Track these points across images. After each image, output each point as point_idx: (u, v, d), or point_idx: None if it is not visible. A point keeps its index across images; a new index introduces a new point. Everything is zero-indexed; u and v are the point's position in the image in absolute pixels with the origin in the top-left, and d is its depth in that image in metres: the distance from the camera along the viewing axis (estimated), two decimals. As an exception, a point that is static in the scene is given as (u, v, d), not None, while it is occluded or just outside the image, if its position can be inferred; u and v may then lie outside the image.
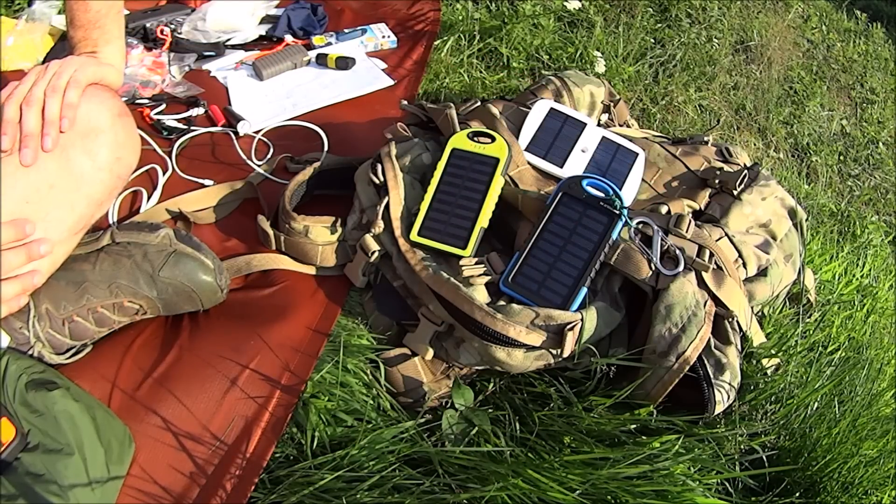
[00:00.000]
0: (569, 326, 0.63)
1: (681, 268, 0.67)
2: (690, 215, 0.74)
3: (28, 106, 0.61)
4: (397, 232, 0.73)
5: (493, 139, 0.77)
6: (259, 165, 0.94)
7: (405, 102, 0.96)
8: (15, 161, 0.59)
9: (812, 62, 2.40)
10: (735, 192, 0.81)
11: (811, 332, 0.90)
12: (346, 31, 1.29)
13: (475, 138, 0.78)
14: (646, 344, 0.66)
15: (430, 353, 0.71)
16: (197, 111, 1.03)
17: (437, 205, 0.75)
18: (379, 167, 0.78)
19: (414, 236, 0.73)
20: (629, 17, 1.73)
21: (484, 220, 0.73)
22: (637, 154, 0.86)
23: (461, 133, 0.79)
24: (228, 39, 1.21)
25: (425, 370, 0.71)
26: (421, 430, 0.68)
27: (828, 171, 2.04)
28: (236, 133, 1.00)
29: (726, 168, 0.85)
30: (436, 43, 1.31)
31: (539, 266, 0.69)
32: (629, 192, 0.83)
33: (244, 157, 0.96)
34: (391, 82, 1.18)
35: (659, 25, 1.81)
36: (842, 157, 2.14)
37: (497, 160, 0.76)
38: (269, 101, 1.10)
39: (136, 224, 0.71)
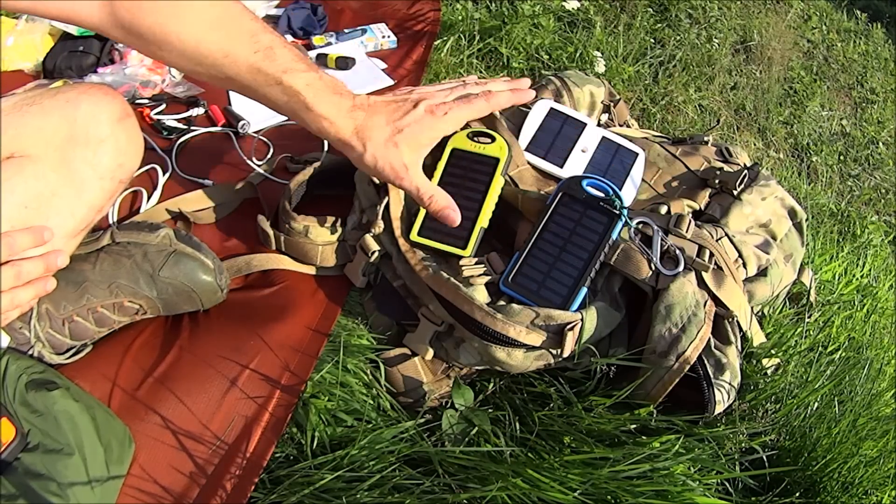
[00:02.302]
0: (569, 326, 0.63)
1: (681, 268, 0.67)
2: (690, 215, 0.74)
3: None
4: (397, 232, 0.73)
5: (493, 139, 0.77)
6: (259, 165, 0.94)
7: (405, 102, 0.96)
8: (15, 166, 0.59)
9: (812, 62, 2.40)
10: (735, 192, 0.81)
11: (811, 332, 0.90)
12: (346, 31, 1.29)
13: (475, 138, 0.78)
14: (646, 344, 0.66)
15: (430, 353, 0.71)
16: (197, 111, 1.04)
17: None
18: (379, 167, 0.78)
19: (414, 236, 0.73)
20: (629, 17, 1.73)
21: (484, 220, 0.73)
22: (637, 154, 0.86)
23: (461, 133, 0.79)
24: (228, 39, 1.21)
25: (425, 370, 0.71)
26: (421, 430, 0.68)
27: (828, 171, 2.04)
28: (236, 133, 1.00)
29: (726, 168, 0.85)
30: (436, 43, 1.32)
31: (539, 266, 0.69)
32: (629, 192, 0.83)
33: (244, 157, 0.96)
34: (391, 82, 1.18)
35: (659, 25, 1.81)
36: (842, 157, 2.14)
37: (497, 160, 0.76)
38: (269, 101, 1.10)
39: (136, 224, 0.71)
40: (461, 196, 0.75)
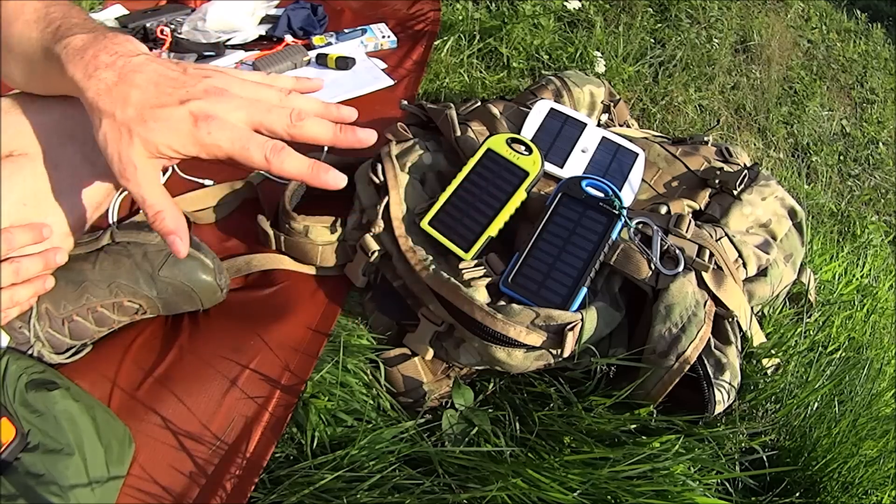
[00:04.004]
0: (569, 326, 0.63)
1: (681, 268, 0.67)
2: (690, 215, 0.74)
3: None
4: (397, 232, 0.73)
5: (531, 151, 0.76)
6: (259, 165, 0.94)
7: (405, 102, 0.96)
8: (14, 165, 0.59)
9: (812, 62, 2.40)
10: (735, 192, 0.81)
11: (811, 332, 0.90)
12: (346, 31, 1.29)
13: (512, 144, 0.77)
14: (646, 344, 0.66)
15: (430, 353, 0.71)
16: (197, 111, 1.03)
17: (456, 200, 0.74)
18: (379, 167, 0.78)
19: (424, 224, 0.73)
20: (629, 17, 1.73)
21: (494, 229, 0.73)
22: (637, 154, 0.86)
23: (501, 135, 0.78)
24: (228, 39, 1.21)
25: (425, 370, 0.71)
26: (421, 430, 0.68)
27: (828, 171, 2.04)
28: (236, 133, 1.00)
29: (726, 168, 0.85)
30: (436, 43, 1.31)
31: (539, 266, 0.69)
32: (629, 192, 0.83)
33: (244, 157, 0.96)
34: (391, 82, 1.18)
35: (659, 25, 1.81)
36: (842, 157, 2.14)
37: (526, 174, 0.74)
38: (269, 101, 1.09)
39: (136, 224, 0.71)
40: (481, 199, 0.74)
